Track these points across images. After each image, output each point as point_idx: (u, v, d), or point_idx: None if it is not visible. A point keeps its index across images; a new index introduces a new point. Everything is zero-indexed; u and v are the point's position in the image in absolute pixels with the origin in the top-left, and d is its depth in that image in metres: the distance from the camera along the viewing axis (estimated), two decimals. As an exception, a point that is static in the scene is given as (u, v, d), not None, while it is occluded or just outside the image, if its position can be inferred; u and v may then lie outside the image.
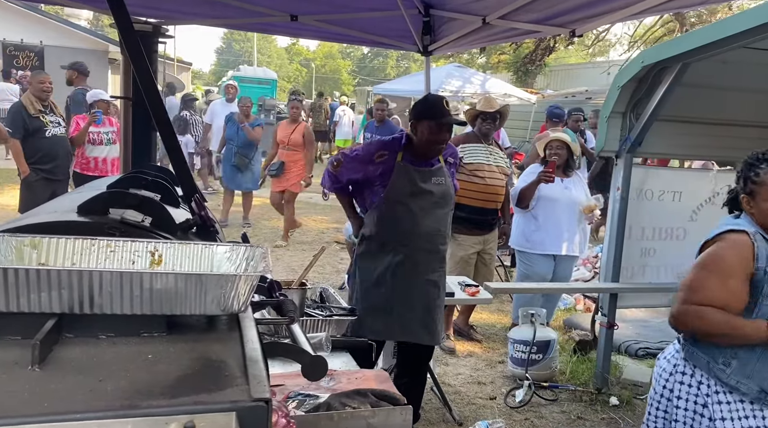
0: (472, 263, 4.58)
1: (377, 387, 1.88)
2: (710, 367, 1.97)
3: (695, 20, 14.95)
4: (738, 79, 3.99)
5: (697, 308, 1.92)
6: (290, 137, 7.26)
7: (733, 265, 1.93)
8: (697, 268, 2.01)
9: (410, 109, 3.12)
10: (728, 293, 1.90)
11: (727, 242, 1.99)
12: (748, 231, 1.97)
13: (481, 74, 17.85)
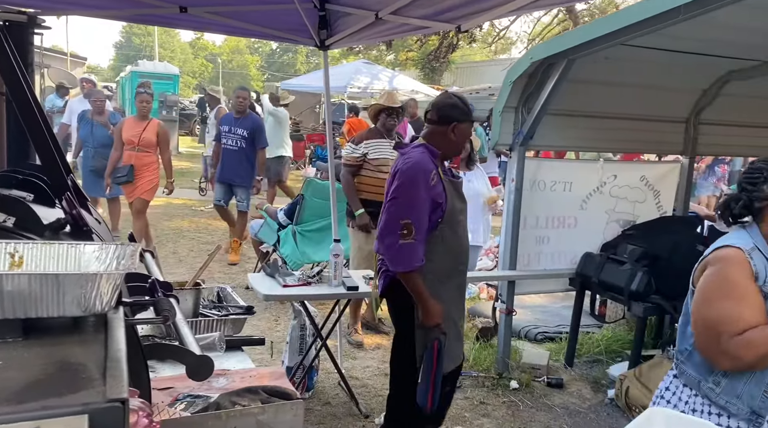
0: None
1: (270, 384, 1.86)
2: (701, 386, 1.88)
3: (588, 19, 15.78)
4: (618, 75, 4.25)
5: (741, 338, 1.72)
6: (141, 137, 6.23)
7: (742, 281, 1.77)
8: (710, 301, 1.82)
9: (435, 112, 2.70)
10: (757, 310, 1.75)
11: (725, 262, 1.82)
12: (742, 248, 1.80)
13: (390, 71, 18.03)
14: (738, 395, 1.80)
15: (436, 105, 2.75)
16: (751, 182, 1.84)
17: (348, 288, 3.43)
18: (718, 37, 3.82)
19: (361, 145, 4.52)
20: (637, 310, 3.97)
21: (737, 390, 1.80)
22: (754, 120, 5.06)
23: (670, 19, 3.01)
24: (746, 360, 1.74)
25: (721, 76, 4.50)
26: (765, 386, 1.78)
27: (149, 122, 6.38)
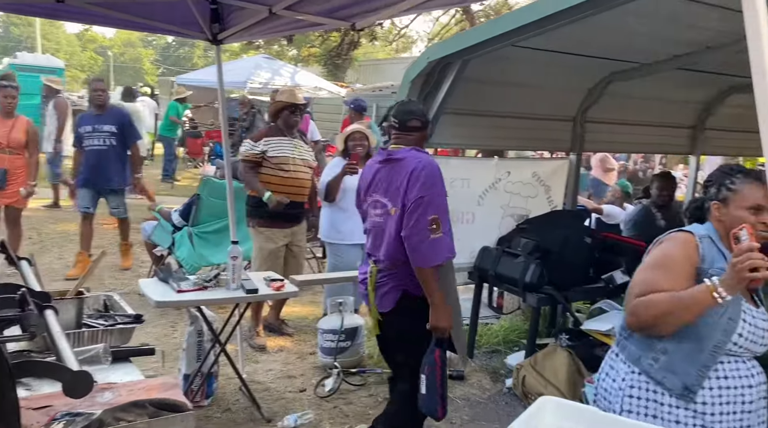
0: (281, 256, 4.54)
1: (160, 396, 1.77)
2: (641, 361, 1.97)
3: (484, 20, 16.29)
4: (511, 75, 4.41)
5: (643, 299, 1.87)
6: (9, 137, 5.60)
7: (677, 258, 1.91)
8: (642, 268, 1.98)
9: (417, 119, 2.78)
10: (674, 281, 1.86)
11: (670, 240, 1.99)
12: (694, 233, 1.96)
13: (291, 67, 17.78)
14: (674, 371, 1.90)
15: (415, 113, 2.81)
16: (705, 187, 2.09)
17: (247, 291, 3.33)
18: (601, 40, 4.05)
19: (260, 142, 4.39)
20: (531, 301, 4.14)
21: (674, 366, 1.90)
22: (634, 118, 5.42)
23: (556, 22, 3.14)
24: (642, 318, 1.88)
25: (605, 77, 4.77)
26: (700, 365, 1.88)
27: (16, 119, 5.74)
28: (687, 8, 3.33)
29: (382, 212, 2.77)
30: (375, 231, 2.84)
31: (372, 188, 2.84)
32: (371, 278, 2.81)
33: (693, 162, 6.37)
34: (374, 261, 2.83)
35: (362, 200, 2.95)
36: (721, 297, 1.74)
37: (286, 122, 4.47)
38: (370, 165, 2.93)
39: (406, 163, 2.70)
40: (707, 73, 4.87)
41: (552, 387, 3.71)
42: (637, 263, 4.54)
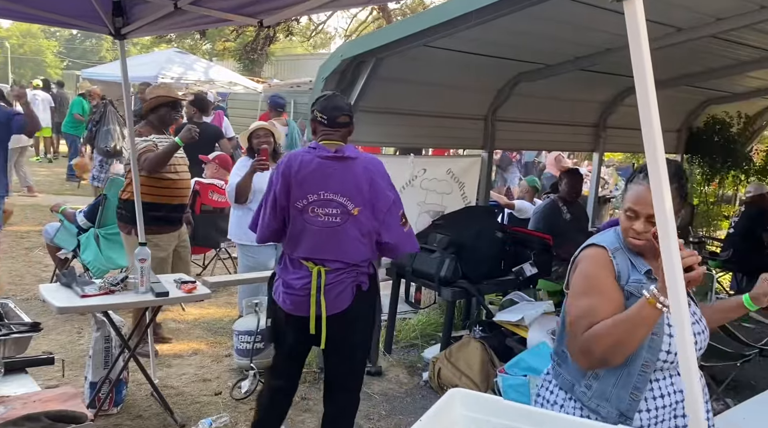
0: (169, 261, 4.30)
1: (59, 408, 1.69)
2: (574, 389, 1.89)
3: (401, 18, 16.48)
4: (425, 74, 4.49)
5: (589, 335, 1.73)
6: None
7: (603, 278, 1.81)
8: (574, 298, 1.84)
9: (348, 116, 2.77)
10: (612, 306, 1.76)
11: (587, 260, 1.87)
12: (606, 247, 1.85)
13: (205, 61, 17.31)
14: (607, 398, 1.81)
15: (343, 108, 2.79)
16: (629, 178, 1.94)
17: (157, 294, 3.22)
18: (508, 42, 4.19)
19: (151, 138, 4.08)
20: (446, 294, 4.24)
21: (606, 393, 1.81)
22: (541, 117, 5.65)
23: (464, 24, 3.23)
24: (595, 354, 1.73)
25: (513, 77, 4.94)
26: (631, 388, 1.80)
27: None
28: (586, 12, 3.51)
29: (340, 212, 2.66)
30: (325, 232, 2.66)
31: (317, 185, 2.65)
32: (317, 281, 2.65)
33: (596, 159, 6.72)
34: (317, 263, 2.67)
35: (295, 197, 2.67)
36: (664, 305, 1.62)
37: (163, 119, 4.15)
38: (306, 161, 2.68)
39: (360, 162, 2.70)
40: (606, 74, 5.15)
41: (466, 378, 3.82)
42: (544, 256, 4.77)
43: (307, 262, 2.69)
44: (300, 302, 2.69)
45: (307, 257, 2.69)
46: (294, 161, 2.69)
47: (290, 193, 2.67)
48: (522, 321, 4.07)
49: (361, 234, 2.67)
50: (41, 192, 10.30)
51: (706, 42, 4.40)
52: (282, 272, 2.78)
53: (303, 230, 2.68)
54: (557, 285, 5.01)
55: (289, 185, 2.67)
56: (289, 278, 2.72)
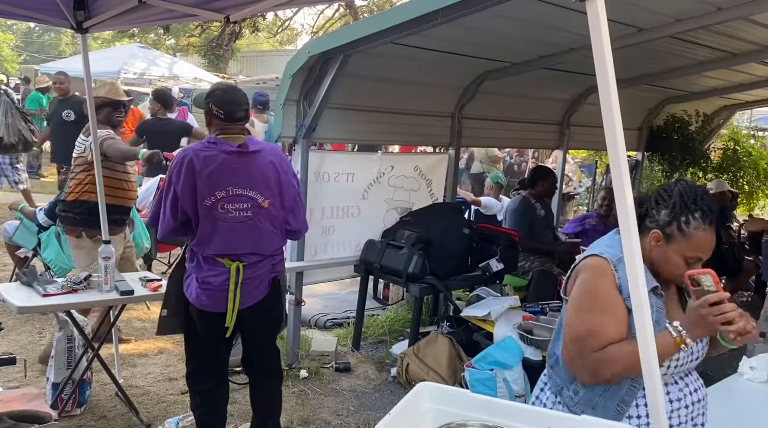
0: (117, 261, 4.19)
1: (21, 408, 1.66)
2: (562, 393, 1.87)
3: (368, 15, 16.48)
4: (392, 71, 4.51)
5: (601, 353, 1.69)
6: None
7: (607, 292, 1.74)
8: (578, 312, 1.77)
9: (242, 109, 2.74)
10: (619, 323, 1.72)
11: (591, 271, 1.79)
12: (608, 258, 1.77)
13: (169, 56, 17.04)
14: (593, 406, 1.79)
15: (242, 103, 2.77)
16: (657, 200, 1.82)
17: (122, 293, 3.18)
18: (474, 40, 4.24)
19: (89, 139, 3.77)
20: (414, 291, 4.27)
21: (593, 402, 1.79)
22: (507, 115, 5.73)
23: (430, 22, 3.26)
24: (604, 376, 1.72)
25: (479, 75, 5.00)
26: (618, 400, 1.77)
27: None
28: (550, 12, 3.57)
29: (251, 206, 2.69)
30: (237, 227, 2.68)
31: (225, 181, 2.64)
32: (236, 277, 2.67)
33: (560, 156, 6.83)
34: (233, 259, 2.69)
35: (203, 195, 2.63)
36: (687, 344, 1.63)
37: (109, 119, 3.89)
38: (210, 157, 2.63)
39: (265, 154, 2.75)
40: (570, 73, 5.25)
41: (434, 373, 3.86)
42: (510, 252, 4.82)
43: (222, 259, 2.69)
44: (217, 299, 2.70)
45: (222, 253, 2.69)
46: (196, 158, 2.63)
47: (196, 191, 2.63)
48: (488, 316, 4.13)
49: (272, 225, 2.76)
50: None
51: (665, 42, 4.52)
52: (195, 270, 2.74)
53: (214, 228, 2.66)
54: (523, 280, 5.09)
55: (194, 184, 2.62)
56: (205, 276, 2.70)
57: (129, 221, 4.31)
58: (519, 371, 3.67)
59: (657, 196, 1.82)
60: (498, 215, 6.48)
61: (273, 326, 2.99)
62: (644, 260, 1.69)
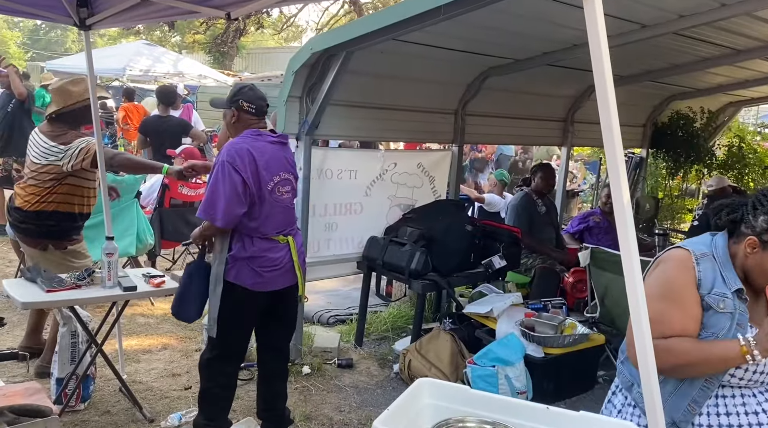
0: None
1: (22, 402, 1.67)
2: (632, 389, 1.82)
3: (373, 11, 16.46)
4: (395, 68, 4.51)
5: (662, 344, 1.61)
6: None
7: (682, 285, 1.69)
8: (648, 298, 1.62)
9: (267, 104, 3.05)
10: (688, 318, 1.66)
11: (669, 262, 1.75)
12: (692, 251, 1.72)
13: (174, 53, 17.09)
14: (662, 405, 1.69)
15: (266, 97, 3.04)
16: (755, 205, 1.73)
17: (125, 289, 3.19)
18: (477, 37, 4.23)
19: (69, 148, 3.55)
20: (417, 287, 4.27)
21: (663, 399, 1.67)
22: (510, 112, 5.72)
23: (433, 18, 3.25)
24: (659, 366, 1.62)
25: (483, 72, 4.99)
26: (690, 400, 1.71)
27: None
28: (553, 8, 3.57)
29: (291, 188, 3.06)
30: (287, 206, 3.04)
31: (276, 167, 2.95)
32: (295, 250, 3.02)
33: (564, 153, 6.82)
34: (285, 234, 3.01)
35: (265, 181, 2.88)
36: (754, 358, 1.56)
37: (76, 122, 3.61)
38: (261, 147, 2.89)
39: (287, 144, 3.14)
40: (574, 70, 5.24)
41: (436, 369, 3.87)
42: (513, 249, 4.83)
43: (276, 237, 2.97)
44: (278, 275, 2.98)
45: (280, 231, 2.99)
46: (252, 148, 2.87)
47: (260, 178, 2.87)
48: (491, 313, 4.14)
49: (294, 202, 3.18)
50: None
51: (669, 39, 4.50)
52: (250, 253, 2.91)
53: (273, 209, 2.94)
54: (525, 277, 5.09)
55: (257, 171, 2.86)
56: (264, 255, 2.93)
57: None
58: (521, 367, 3.68)
59: (755, 201, 1.74)
60: (501, 212, 6.48)
61: (296, 313, 3.37)
62: (737, 266, 1.71)
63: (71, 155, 3.46)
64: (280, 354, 3.26)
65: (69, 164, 3.46)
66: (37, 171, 3.52)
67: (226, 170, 2.81)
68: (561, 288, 4.84)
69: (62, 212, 3.57)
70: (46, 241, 3.59)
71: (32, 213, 3.53)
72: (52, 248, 3.61)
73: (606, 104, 1.40)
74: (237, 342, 3.10)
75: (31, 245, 3.63)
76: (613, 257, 4.14)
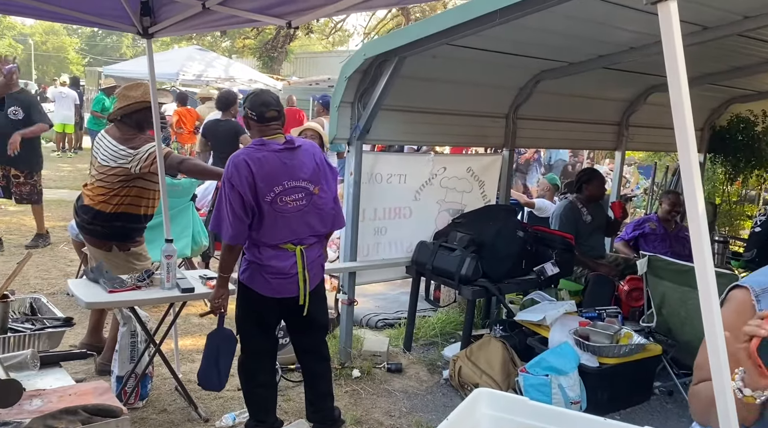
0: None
1: (94, 402, 1.73)
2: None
3: (420, 16, 16.47)
4: (446, 72, 4.49)
5: (694, 387, 1.55)
6: None
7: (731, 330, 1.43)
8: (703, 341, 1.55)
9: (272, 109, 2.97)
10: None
11: (727, 305, 1.59)
12: (751, 288, 1.57)
13: (225, 58, 17.45)
14: None
15: (274, 102, 2.99)
16: None
17: (183, 290, 3.27)
18: (531, 40, 4.18)
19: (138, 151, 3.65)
20: (467, 293, 4.24)
21: None
22: (562, 115, 5.62)
23: (488, 23, 3.23)
24: (691, 409, 1.57)
25: (535, 75, 4.92)
26: None
27: None
28: (611, 11, 3.49)
29: (305, 195, 2.97)
30: (297, 215, 2.95)
31: (280, 177, 2.88)
32: (302, 260, 2.97)
33: (618, 158, 6.66)
34: (296, 244, 2.97)
35: (263, 193, 2.84)
36: (758, 399, 1.38)
37: (140, 125, 3.67)
38: (262, 158, 2.85)
39: (306, 148, 3.03)
40: (630, 73, 5.11)
41: (487, 376, 3.83)
42: (566, 256, 4.74)
43: (286, 245, 2.96)
44: (287, 283, 2.98)
45: (287, 240, 2.96)
46: (250, 160, 2.85)
47: (257, 190, 2.85)
48: (544, 321, 4.07)
49: (323, 209, 3.06)
50: (65, 188, 10.46)
51: (731, 40, 4.35)
52: (259, 260, 2.96)
53: (276, 220, 2.91)
54: (579, 285, 4.99)
55: (255, 184, 2.84)
56: (272, 263, 2.96)
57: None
58: (575, 377, 3.61)
59: None
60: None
61: (326, 313, 3.33)
62: None
63: (140, 159, 3.57)
64: (317, 355, 3.29)
65: (137, 166, 3.58)
66: (105, 173, 3.62)
67: (227, 187, 2.86)
68: (615, 296, 4.72)
69: (129, 214, 3.68)
70: (111, 242, 3.71)
71: (100, 214, 3.64)
72: (116, 249, 3.72)
73: (681, 109, 1.35)
74: (260, 342, 3.15)
75: (97, 245, 3.74)
76: (670, 266, 4.02)
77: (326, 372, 3.33)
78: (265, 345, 3.20)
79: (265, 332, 3.17)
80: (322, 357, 3.31)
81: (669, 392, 4.12)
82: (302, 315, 3.08)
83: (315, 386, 3.30)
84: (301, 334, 3.25)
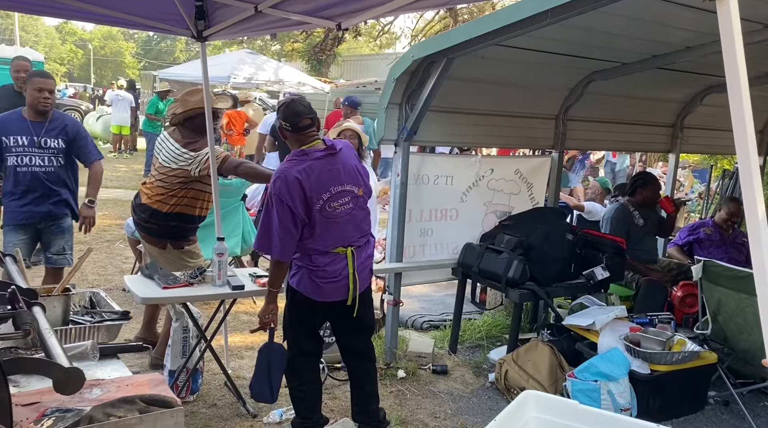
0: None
1: (149, 392, 1.79)
2: None
3: (467, 17, 16.38)
4: (495, 73, 4.46)
5: None
6: None
7: None
8: None
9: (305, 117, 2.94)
10: None
11: None
12: None
13: (275, 62, 17.73)
14: None
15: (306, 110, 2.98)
16: None
17: (233, 288, 3.35)
18: (582, 40, 4.11)
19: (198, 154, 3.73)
20: (514, 296, 4.19)
21: None
22: (614, 117, 5.51)
23: (539, 23, 3.20)
24: None
25: (586, 76, 4.84)
26: None
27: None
28: (666, 10, 3.40)
29: (351, 198, 3.00)
30: (345, 219, 2.98)
31: (326, 184, 2.90)
32: (352, 260, 3.00)
33: (672, 160, 6.48)
34: (346, 246, 3.00)
35: (312, 202, 2.86)
36: None
37: (200, 129, 3.72)
38: (306, 169, 2.85)
39: (345, 151, 3.05)
40: (685, 73, 4.97)
41: (534, 381, 3.78)
42: (617, 260, 4.65)
43: (336, 249, 2.99)
44: (337, 287, 3.01)
45: (338, 244, 3.00)
46: (297, 173, 2.85)
47: (307, 201, 2.87)
48: (593, 326, 3.99)
49: (367, 208, 3.14)
50: (120, 187, 10.82)
51: (795, 38, 4.17)
52: (309, 265, 2.98)
53: (327, 226, 2.94)
54: (630, 290, 4.88)
55: (304, 195, 2.85)
56: (324, 267, 2.98)
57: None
58: (625, 383, 3.53)
59: None
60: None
61: (373, 315, 3.35)
62: None
63: (200, 162, 3.67)
64: (362, 356, 3.31)
65: (197, 169, 3.67)
66: (166, 174, 3.71)
67: (275, 203, 2.86)
68: (668, 302, 4.60)
69: (184, 214, 3.78)
70: (166, 240, 3.81)
71: (157, 213, 3.74)
72: (171, 247, 3.83)
73: (740, 111, 1.32)
74: (306, 343, 3.20)
75: (152, 243, 3.84)
76: (727, 272, 3.88)
77: (372, 373, 3.34)
78: (312, 346, 3.25)
79: (312, 334, 3.22)
80: (368, 358, 3.33)
81: (725, 402, 3.98)
82: (350, 317, 3.12)
83: (360, 386, 3.32)
84: (348, 335, 3.28)
